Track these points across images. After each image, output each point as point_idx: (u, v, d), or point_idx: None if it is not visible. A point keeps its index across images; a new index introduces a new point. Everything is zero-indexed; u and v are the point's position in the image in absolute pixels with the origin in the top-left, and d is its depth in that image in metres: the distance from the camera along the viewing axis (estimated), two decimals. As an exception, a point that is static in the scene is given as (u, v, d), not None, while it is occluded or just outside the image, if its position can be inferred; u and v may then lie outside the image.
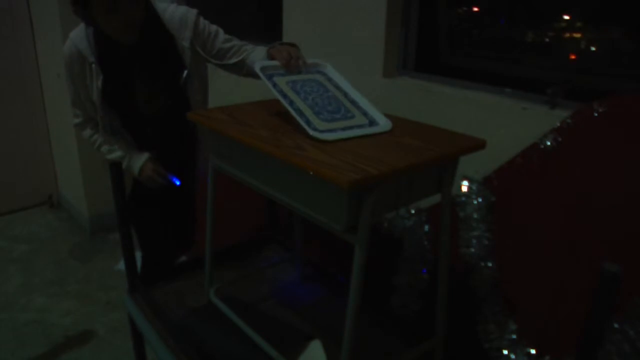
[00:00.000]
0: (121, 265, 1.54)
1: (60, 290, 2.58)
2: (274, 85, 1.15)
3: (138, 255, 1.59)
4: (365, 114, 1.13)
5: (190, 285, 1.56)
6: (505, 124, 1.46)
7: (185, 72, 1.54)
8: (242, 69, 1.60)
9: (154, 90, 1.56)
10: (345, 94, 1.20)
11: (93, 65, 1.49)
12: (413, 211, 1.50)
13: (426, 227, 1.47)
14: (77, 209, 3.27)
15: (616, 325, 1.08)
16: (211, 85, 1.72)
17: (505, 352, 1.26)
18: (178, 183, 1.57)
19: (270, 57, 1.37)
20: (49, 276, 2.70)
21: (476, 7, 1.80)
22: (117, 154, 1.57)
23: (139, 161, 1.56)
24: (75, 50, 1.49)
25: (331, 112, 1.10)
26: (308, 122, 1.04)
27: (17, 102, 3.23)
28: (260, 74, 1.17)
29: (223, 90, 2.52)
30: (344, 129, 1.06)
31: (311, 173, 0.89)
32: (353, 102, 1.17)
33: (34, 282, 2.64)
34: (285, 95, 1.12)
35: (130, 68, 1.51)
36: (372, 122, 1.11)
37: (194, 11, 1.55)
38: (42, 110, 3.33)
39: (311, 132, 1.01)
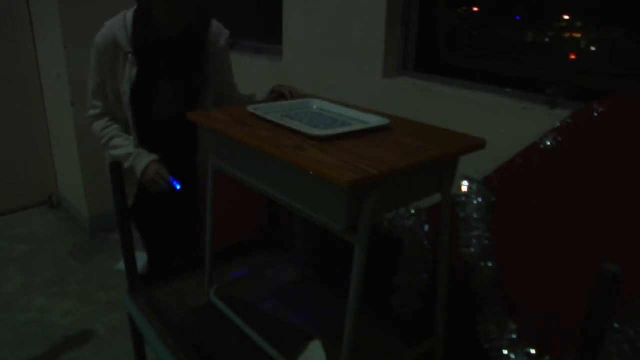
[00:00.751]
0: (121, 265, 1.54)
1: (60, 290, 2.58)
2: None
3: (138, 255, 1.59)
4: (362, 121, 1.14)
5: (190, 285, 1.56)
6: (505, 124, 1.46)
7: (204, 78, 1.59)
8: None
9: (173, 90, 1.58)
10: (341, 115, 1.20)
11: (129, 55, 1.50)
12: (413, 211, 1.50)
13: (426, 227, 1.47)
14: (77, 209, 3.27)
15: (616, 325, 1.08)
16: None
17: (505, 352, 1.26)
18: (179, 187, 1.57)
19: (275, 91, 1.51)
20: (49, 276, 2.70)
21: (476, 7, 1.80)
22: (125, 150, 1.57)
23: (144, 161, 1.56)
24: (112, 38, 1.50)
25: (328, 124, 1.11)
26: (306, 129, 1.05)
27: (17, 102, 3.23)
28: (255, 112, 1.17)
29: (223, 90, 2.52)
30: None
31: (311, 173, 0.89)
32: (349, 117, 1.18)
33: (34, 282, 2.65)
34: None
35: (161, 64, 1.53)
36: (369, 124, 1.12)
37: (227, 31, 1.64)
38: (42, 110, 3.33)
39: (311, 131, 1.01)
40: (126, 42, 1.50)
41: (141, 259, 1.74)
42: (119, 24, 1.51)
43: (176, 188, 1.56)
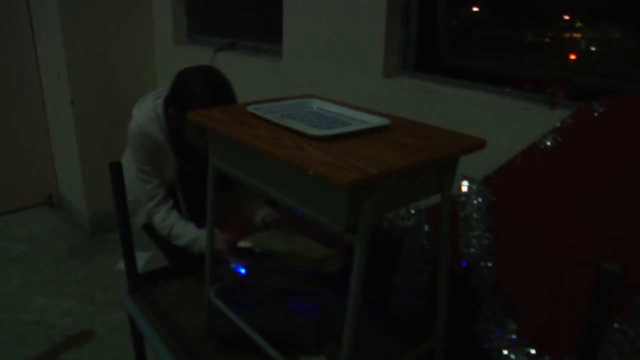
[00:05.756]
0: (121, 265, 1.54)
1: (60, 290, 2.58)
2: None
3: (138, 255, 1.59)
4: (362, 121, 1.14)
5: (190, 285, 1.56)
6: (505, 124, 1.46)
7: None
8: None
9: None
10: (341, 115, 1.20)
11: (169, 155, 1.56)
12: (413, 211, 1.50)
13: (426, 227, 1.47)
14: (77, 209, 3.27)
15: (616, 325, 1.08)
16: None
17: (505, 352, 1.26)
18: (244, 272, 1.53)
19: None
20: (49, 276, 2.70)
21: (476, 7, 1.80)
22: (187, 238, 1.58)
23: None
24: (152, 139, 1.54)
25: (328, 124, 1.11)
26: (306, 129, 1.04)
27: (17, 102, 3.23)
28: (255, 112, 1.17)
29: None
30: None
31: (311, 173, 0.89)
32: (349, 117, 1.18)
33: (34, 282, 2.65)
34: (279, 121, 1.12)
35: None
36: (369, 124, 1.12)
37: None
38: (42, 110, 3.33)
39: (311, 131, 1.01)
40: (167, 146, 1.54)
41: (141, 258, 1.75)
42: (154, 126, 1.53)
43: (240, 273, 1.53)
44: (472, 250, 1.36)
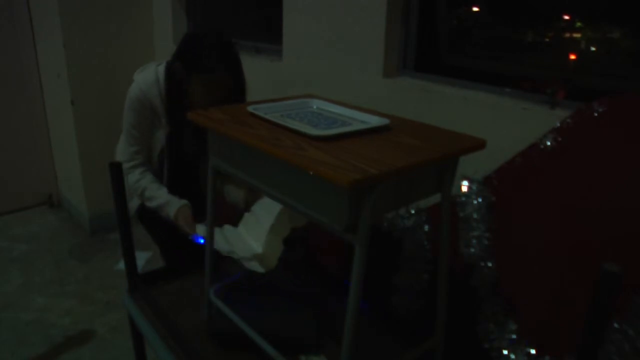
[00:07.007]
0: (121, 265, 1.54)
1: (60, 290, 2.58)
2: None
3: (138, 255, 1.59)
4: (362, 121, 1.14)
5: (190, 285, 1.56)
6: (505, 124, 1.46)
7: None
8: None
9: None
10: (341, 115, 1.20)
11: (163, 119, 1.58)
12: (413, 211, 1.50)
13: (426, 227, 1.47)
14: (77, 209, 3.27)
15: (616, 325, 1.08)
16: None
17: (505, 352, 1.26)
18: (202, 242, 1.54)
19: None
20: (49, 276, 2.70)
21: (476, 7, 1.80)
22: (157, 201, 1.61)
23: (173, 208, 1.60)
24: (148, 103, 1.56)
25: (328, 124, 1.11)
26: (306, 129, 1.04)
27: (17, 102, 3.23)
28: (255, 112, 1.17)
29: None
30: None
31: (311, 173, 0.89)
32: (349, 117, 1.18)
33: (34, 282, 2.65)
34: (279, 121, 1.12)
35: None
36: (369, 124, 1.12)
37: None
38: (42, 110, 3.34)
39: (311, 131, 1.01)
40: (162, 110, 1.56)
41: (141, 258, 1.75)
42: (153, 91, 1.55)
43: (198, 242, 1.55)
44: (472, 250, 1.36)
